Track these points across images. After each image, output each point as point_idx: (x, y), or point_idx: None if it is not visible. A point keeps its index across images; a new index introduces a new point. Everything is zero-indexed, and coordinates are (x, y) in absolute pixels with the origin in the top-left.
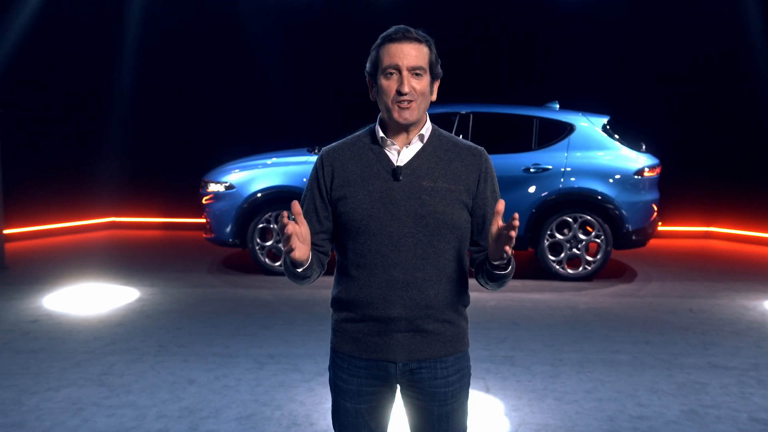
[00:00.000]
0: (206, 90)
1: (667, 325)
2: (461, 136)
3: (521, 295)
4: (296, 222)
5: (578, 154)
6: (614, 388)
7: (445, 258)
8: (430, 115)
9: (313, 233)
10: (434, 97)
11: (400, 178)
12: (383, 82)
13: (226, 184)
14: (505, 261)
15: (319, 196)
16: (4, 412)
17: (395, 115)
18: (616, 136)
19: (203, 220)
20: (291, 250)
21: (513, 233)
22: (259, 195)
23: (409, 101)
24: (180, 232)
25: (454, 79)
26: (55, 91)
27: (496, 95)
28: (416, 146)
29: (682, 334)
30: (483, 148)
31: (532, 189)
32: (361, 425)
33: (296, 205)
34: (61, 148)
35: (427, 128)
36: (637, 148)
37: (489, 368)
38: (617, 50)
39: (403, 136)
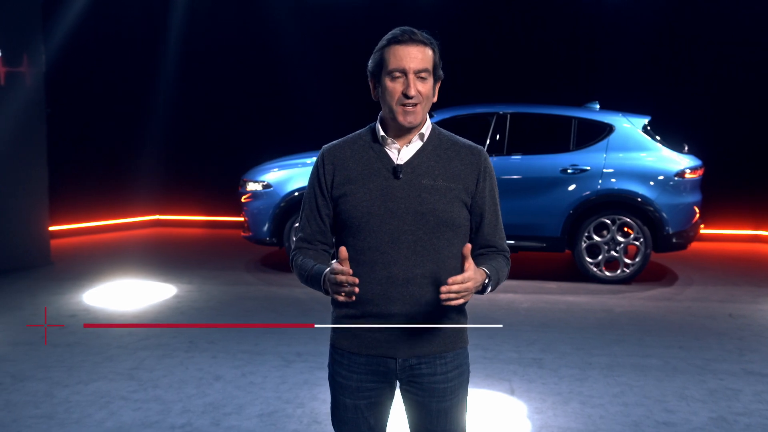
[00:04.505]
0: (248, 90)
1: (704, 330)
2: (498, 136)
3: (556, 297)
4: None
5: (618, 155)
6: (642, 393)
7: (444, 255)
8: (468, 116)
9: (318, 232)
10: (435, 98)
11: (401, 176)
12: (389, 83)
13: (264, 183)
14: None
15: (320, 194)
16: (36, 404)
17: (400, 118)
18: (657, 137)
19: (242, 219)
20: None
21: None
22: (296, 194)
23: (414, 104)
24: (221, 230)
25: (492, 80)
26: (101, 92)
27: (536, 96)
28: (416, 145)
29: (719, 340)
30: (482, 147)
31: (569, 190)
32: (361, 421)
33: (343, 251)
34: (107, 148)
35: (427, 127)
36: (679, 150)
37: (516, 370)
38: (659, 50)
39: (403, 135)
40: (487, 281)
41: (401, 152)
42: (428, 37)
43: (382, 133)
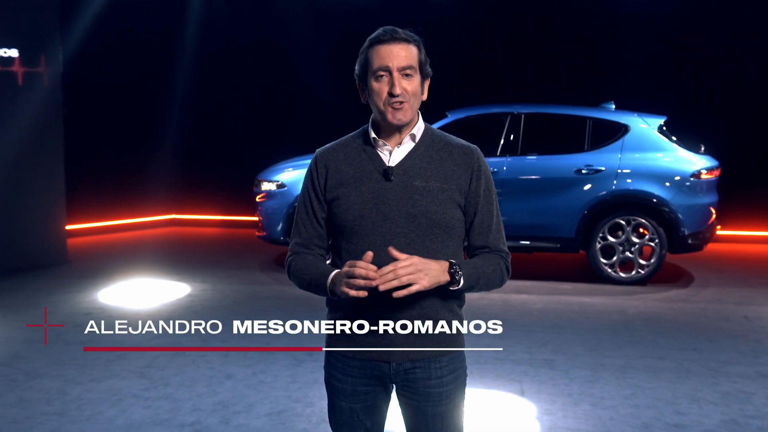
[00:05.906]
0: (263, 90)
1: (719, 332)
2: (512, 136)
3: (569, 298)
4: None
5: (633, 155)
6: (654, 395)
7: (438, 258)
8: (482, 116)
9: (316, 236)
10: (425, 97)
11: (392, 178)
12: (374, 84)
13: (278, 183)
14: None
15: (315, 198)
16: (49, 401)
17: (389, 116)
18: (673, 138)
19: (257, 218)
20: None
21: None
22: None
23: (402, 102)
24: (237, 230)
25: (506, 79)
26: (118, 93)
27: (551, 95)
28: (408, 146)
29: (733, 342)
30: (476, 146)
31: (584, 190)
32: (357, 424)
33: (370, 254)
34: (123, 147)
35: (418, 128)
36: (696, 150)
37: (527, 371)
38: (676, 49)
39: (395, 137)
40: (452, 270)
41: (393, 154)
42: (411, 35)
43: (373, 135)
